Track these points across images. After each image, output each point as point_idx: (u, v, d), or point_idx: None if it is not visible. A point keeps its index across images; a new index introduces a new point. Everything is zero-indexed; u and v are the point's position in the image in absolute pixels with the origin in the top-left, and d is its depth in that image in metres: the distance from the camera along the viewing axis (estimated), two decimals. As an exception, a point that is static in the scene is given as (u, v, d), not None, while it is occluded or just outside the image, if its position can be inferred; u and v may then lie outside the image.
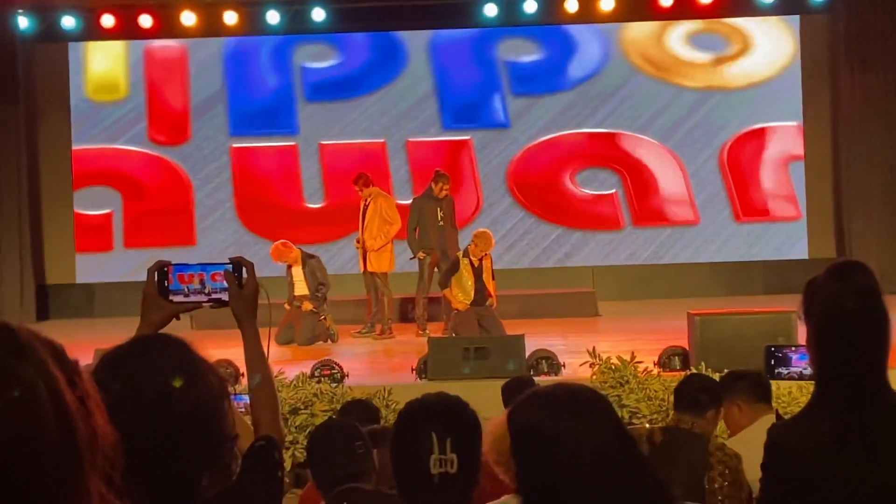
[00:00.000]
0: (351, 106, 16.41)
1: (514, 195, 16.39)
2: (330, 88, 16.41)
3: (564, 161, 16.38)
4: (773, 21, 16.23)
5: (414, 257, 13.37)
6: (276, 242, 13.31)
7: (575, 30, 16.34)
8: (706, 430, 5.36)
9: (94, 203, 16.36)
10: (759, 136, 16.36)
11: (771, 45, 16.36)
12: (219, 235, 16.20)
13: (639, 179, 16.41)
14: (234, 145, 16.42)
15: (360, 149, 16.25)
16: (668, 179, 16.41)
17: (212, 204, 16.36)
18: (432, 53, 16.46)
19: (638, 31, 16.36)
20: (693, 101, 16.39)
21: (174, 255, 3.00)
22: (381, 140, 16.37)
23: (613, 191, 16.42)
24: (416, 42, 16.41)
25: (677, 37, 16.40)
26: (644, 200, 16.39)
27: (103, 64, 16.40)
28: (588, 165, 16.45)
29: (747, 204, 16.33)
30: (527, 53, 16.49)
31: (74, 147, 16.34)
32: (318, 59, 16.46)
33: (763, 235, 16.35)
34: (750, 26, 16.35)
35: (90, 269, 16.37)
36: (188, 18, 15.39)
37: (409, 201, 14.01)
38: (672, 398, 5.70)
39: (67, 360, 1.43)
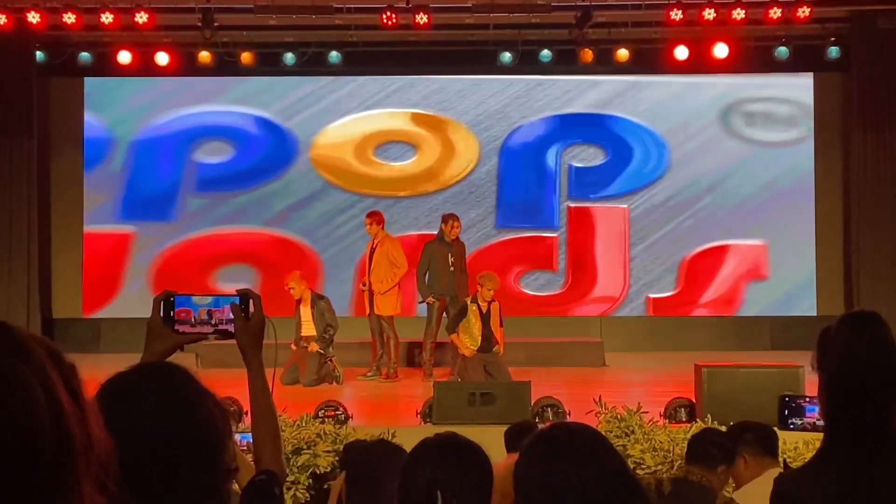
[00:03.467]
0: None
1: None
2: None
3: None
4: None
5: (423, 301, 13.35)
6: (295, 273, 13.35)
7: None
8: (715, 485, 5.35)
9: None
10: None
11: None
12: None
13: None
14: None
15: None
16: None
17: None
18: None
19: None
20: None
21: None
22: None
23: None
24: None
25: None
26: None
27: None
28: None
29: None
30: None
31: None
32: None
33: (772, 292, 16.31)
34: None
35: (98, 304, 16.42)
36: (204, 57, 15.49)
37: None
38: (677, 450, 5.69)
39: (65, 362, 1.43)
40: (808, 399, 4.91)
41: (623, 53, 15.41)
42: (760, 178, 16.36)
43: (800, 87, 16.39)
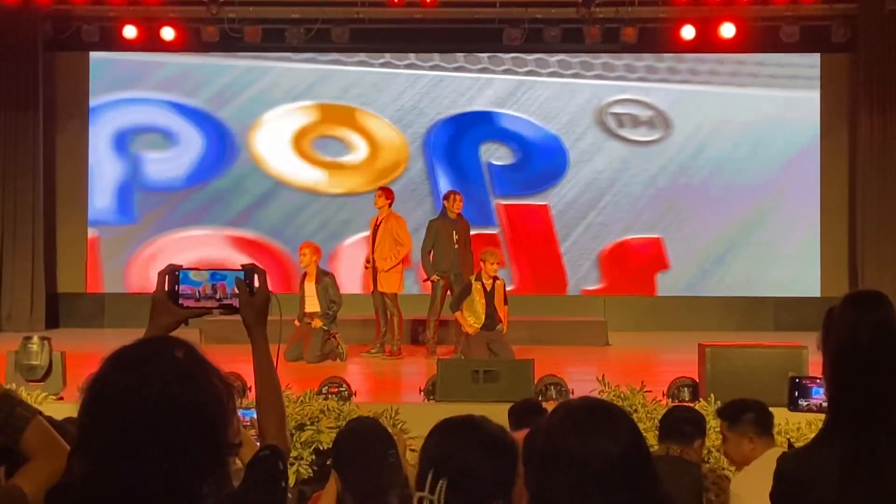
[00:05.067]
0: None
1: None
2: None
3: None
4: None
5: (428, 279, 13.35)
6: (312, 243, 13.37)
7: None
8: (694, 459, 5.46)
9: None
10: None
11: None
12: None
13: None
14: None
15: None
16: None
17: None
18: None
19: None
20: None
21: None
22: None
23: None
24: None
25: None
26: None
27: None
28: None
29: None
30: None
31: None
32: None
33: (776, 271, 16.31)
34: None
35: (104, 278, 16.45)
36: (209, 34, 15.47)
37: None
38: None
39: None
40: (816, 380, 4.92)
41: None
42: (643, 175, 16.44)
43: (658, 92, 16.40)
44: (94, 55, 16.38)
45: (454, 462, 2.67)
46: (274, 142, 16.50)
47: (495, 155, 16.52)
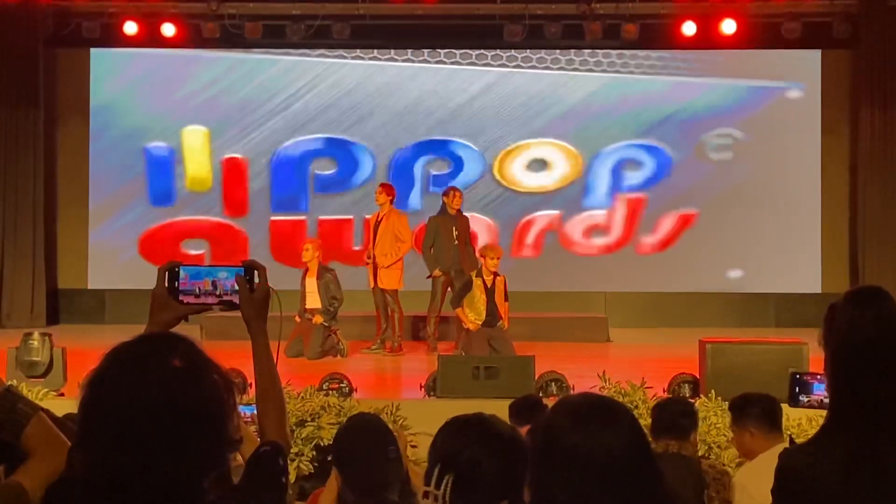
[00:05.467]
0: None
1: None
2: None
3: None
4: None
5: (430, 276, 13.34)
6: (316, 239, 13.39)
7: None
8: (691, 453, 5.44)
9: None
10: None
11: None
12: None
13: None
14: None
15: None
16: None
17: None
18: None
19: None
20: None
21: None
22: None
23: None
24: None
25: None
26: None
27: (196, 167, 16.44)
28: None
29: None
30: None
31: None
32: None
33: (777, 268, 16.31)
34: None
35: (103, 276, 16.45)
36: (209, 30, 15.47)
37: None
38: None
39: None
40: (816, 376, 4.92)
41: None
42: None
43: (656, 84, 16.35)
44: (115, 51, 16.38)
45: (461, 459, 2.67)
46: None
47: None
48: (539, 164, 16.29)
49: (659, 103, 16.39)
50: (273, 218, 16.19)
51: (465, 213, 13.60)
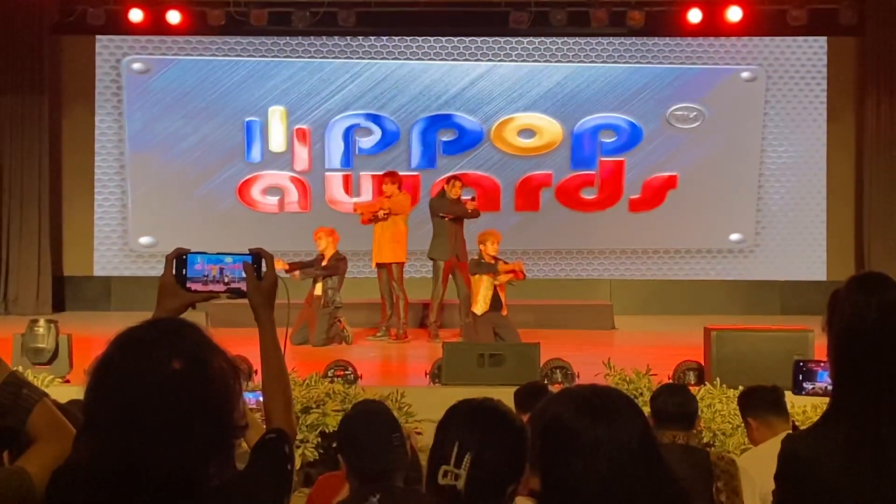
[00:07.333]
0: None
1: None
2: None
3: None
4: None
5: (444, 216, 13.22)
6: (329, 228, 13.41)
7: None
8: (695, 442, 5.41)
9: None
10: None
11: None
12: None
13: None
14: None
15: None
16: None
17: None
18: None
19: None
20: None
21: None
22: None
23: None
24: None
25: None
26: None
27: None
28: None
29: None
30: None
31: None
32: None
33: (782, 255, 16.31)
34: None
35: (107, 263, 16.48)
36: (214, 17, 15.47)
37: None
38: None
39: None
40: (821, 364, 4.93)
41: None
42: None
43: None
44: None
45: (473, 441, 2.67)
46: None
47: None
48: (528, 133, 16.79)
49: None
50: (327, 173, 16.70)
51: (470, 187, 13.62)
